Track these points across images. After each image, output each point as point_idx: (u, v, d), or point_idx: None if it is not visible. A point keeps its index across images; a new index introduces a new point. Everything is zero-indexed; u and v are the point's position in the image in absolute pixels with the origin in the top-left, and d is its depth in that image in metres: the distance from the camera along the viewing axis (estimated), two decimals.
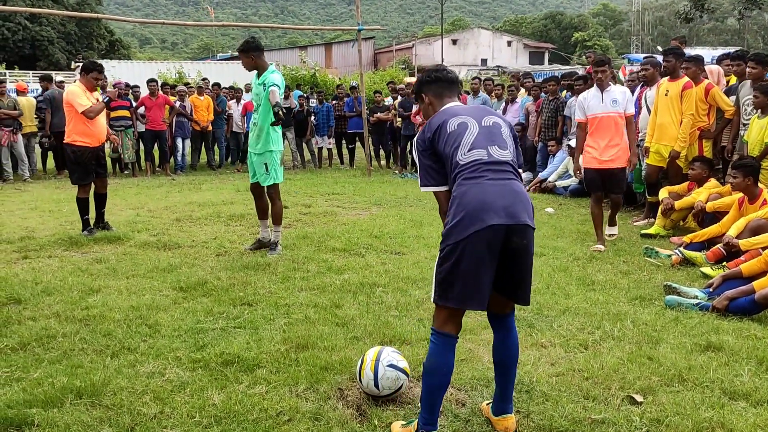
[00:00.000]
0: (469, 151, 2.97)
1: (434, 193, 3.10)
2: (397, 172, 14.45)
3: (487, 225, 2.78)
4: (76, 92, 7.33)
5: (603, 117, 6.77)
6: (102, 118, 7.66)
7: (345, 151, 16.06)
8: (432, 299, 2.94)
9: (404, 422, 3.10)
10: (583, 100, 6.98)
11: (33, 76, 25.38)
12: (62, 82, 16.57)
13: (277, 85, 6.35)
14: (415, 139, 3.18)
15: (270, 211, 6.83)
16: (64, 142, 7.51)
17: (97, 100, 7.48)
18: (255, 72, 6.65)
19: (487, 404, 3.25)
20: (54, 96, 13.21)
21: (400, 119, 14.46)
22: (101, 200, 7.82)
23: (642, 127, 8.25)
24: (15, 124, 13.02)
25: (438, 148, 3.03)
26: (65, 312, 4.72)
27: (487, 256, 2.81)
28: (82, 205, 7.56)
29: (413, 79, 23.96)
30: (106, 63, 33.17)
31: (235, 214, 8.73)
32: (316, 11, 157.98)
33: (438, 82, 3.26)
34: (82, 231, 7.47)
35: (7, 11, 37.91)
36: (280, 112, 6.19)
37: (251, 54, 6.56)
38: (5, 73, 21.43)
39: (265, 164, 6.58)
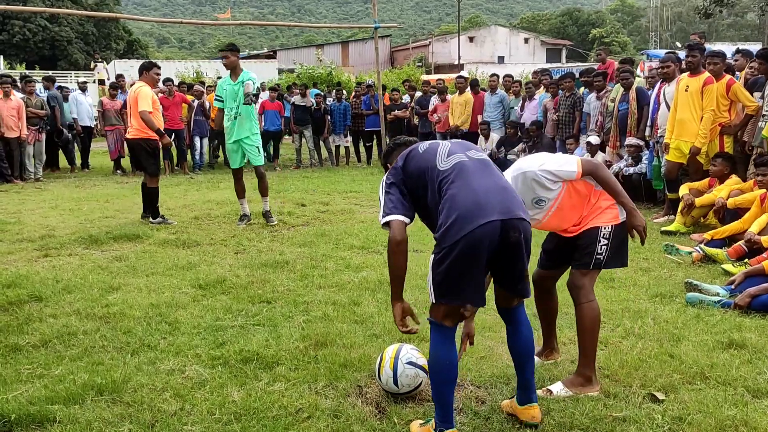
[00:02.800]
0: (447, 157, 3.02)
1: (393, 222, 2.94)
2: None
3: (482, 223, 2.77)
4: (147, 93, 8.06)
5: None
6: (160, 116, 8.64)
7: (362, 149, 16.06)
8: (431, 299, 2.93)
9: (422, 421, 3.10)
10: None
11: (54, 76, 25.58)
12: (85, 82, 16.68)
13: (252, 80, 7.78)
14: (383, 179, 3.16)
15: (258, 187, 8.24)
16: (138, 137, 8.08)
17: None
18: (229, 72, 7.89)
19: (510, 400, 3.24)
20: (55, 96, 14.17)
21: (417, 116, 14.43)
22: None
23: (661, 123, 8.17)
24: (41, 123, 13.17)
25: (411, 170, 3.05)
26: (86, 309, 4.76)
27: (484, 253, 2.81)
28: (155, 194, 8.19)
29: (430, 77, 23.91)
30: (124, 63, 33.47)
31: (253, 212, 8.74)
32: (332, 9, 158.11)
33: (397, 148, 3.40)
34: (153, 220, 8.03)
35: (28, 12, 38.36)
36: (251, 100, 7.78)
37: (236, 53, 7.93)
38: (25, 73, 21.62)
39: (257, 147, 7.96)
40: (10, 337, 4.23)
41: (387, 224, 2.98)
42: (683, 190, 7.55)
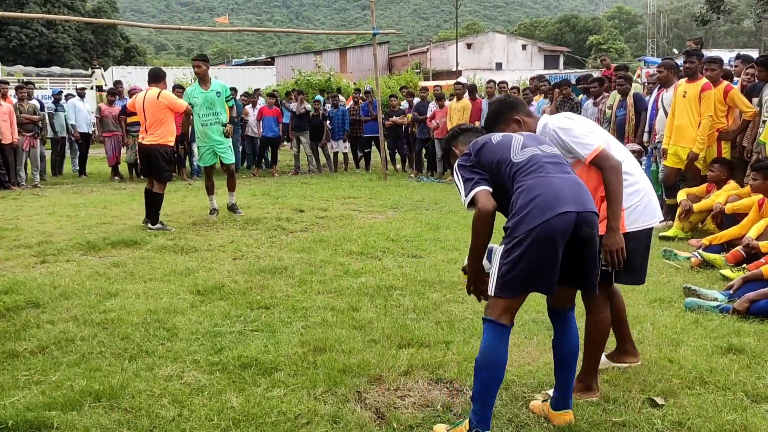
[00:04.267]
0: (522, 149, 3.00)
1: (480, 193, 2.93)
2: (413, 175, 14.44)
3: (558, 213, 2.77)
4: (173, 95, 8.46)
5: None
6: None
7: (360, 155, 16.06)
8: (491, 292, 2.89)
9: (448, 426, 3.07)
10: None
11: (51, 82, 25.58)
12: (83, 88, 16.68)
13: (235, 102, 9.47)
14: (455, 163, 3.13)
15: (227, 182, 9.06)
16: (155, 143, 8.15)
17: None
18: (197, 80, 8.78)
19: (541, 402, 3.24)
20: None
21: (415, 123, 14.44)
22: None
23: (659, 129, 8.20)
24: (35, 128, 13.17)
25: (484, 160, 3.03)
26: (83, 315, 4.75)
27: (560, 244, 2.79)
28: (161, 200, 8.29)
29: (428, 83, 23.94)
30: (122, 69, 33.45)
31: (252, 218, 8.75)
32: (330, 16, 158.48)
33: (463, 133, 3.42)
34: (152, 226, 8.07)
35: (25, 18, 38.35)
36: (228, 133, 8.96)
37: (208, 63, 8.86)
38: (22, 79, 21.62)
39: (228, 146, 8.89)
40: (7, 344, 4.21)
41: (472, 202, 2.95)
42: (681, 195, 7.56)
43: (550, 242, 2.77)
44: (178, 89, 13.90)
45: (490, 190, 2.97)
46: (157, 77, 8.35)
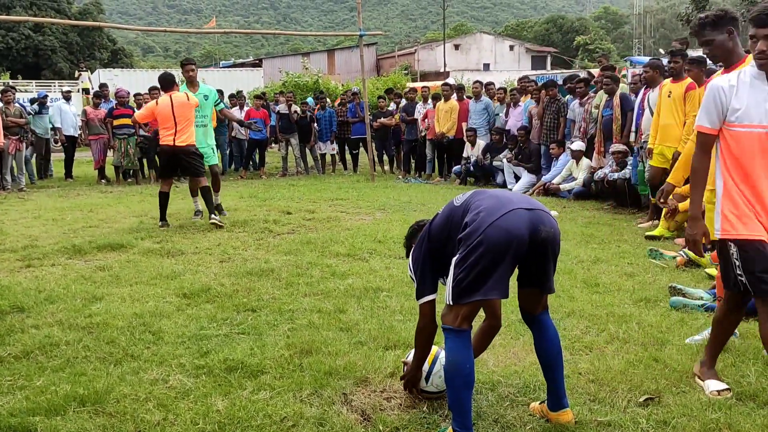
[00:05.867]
0: (462, 196, 3.17)
1: (425, 305, 3.28)
2: (400, 177, 14.44)
3: (506, 210, 2.82)
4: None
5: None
6: None
7: (348, 157, 16.05)
8: (449, 301, 2.91)
9: None
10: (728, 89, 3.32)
11: (36, 85, 25.44)
12: (69, 91, 16.58)
13: (218, 101, 9.47)
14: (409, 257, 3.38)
15: (212, 183, 8.94)
16: (190, 142, 8.44)
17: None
18: (185, 83, 8.99)
19: (540, 404, 3.25)
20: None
21: (403, 123, 14.46)
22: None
23: (645, 129, 8.23)
24: (21, 132, 13.08)
25: (434, 230, 3.20)
26: (68, 320, 4.71)
27: (512, 245, 2.80)
28: (209, 191, 8.60)
29: (416, 84, 23.95)
30: (108, 72, 33.33)
31: (239, 220, 8.72)
32: (318, 18, 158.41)
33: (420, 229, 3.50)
34: (216, 216, 8.41)
35: (11, 21, 38.10)
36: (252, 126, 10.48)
37: (197, 67, 9.09)
38: (8, 83, 21.50)
39: (212, 148, 9.20)
40: None
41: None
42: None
43: (502, 242, 2.78)
44: (154, 91, 13.86)
45: (434, 297, 3.23)
46: (173, 82, 8.59)
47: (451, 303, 2.90)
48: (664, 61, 8.92)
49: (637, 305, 4.97)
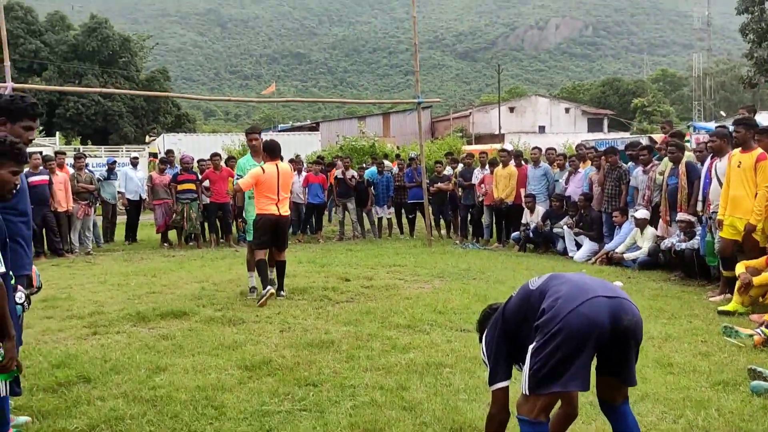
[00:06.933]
0: (537, 279, 3.13)
1: (498, 392, 3.19)
2: (458, 242, 14.36)
3: (586, 298, 2.74)
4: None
5: None
6: None
7: (405, 221, 16.09)
8: (525, 391, 2.82)
9: None
10: None
11: (105, 151, 26.49)
12: (136, 157, 17.13)
13: None
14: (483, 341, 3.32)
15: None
16: (289, 213, 8.62)
17: None
18: (249, 152, 8.93)
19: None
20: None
21: (461, 188, 14.47)
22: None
23: (713, 198, 8.02)
24: (90, 197, 13.57)
25: (508, 313, 3.16)
26: (133, 392, 4.74)
27: (593, 333, 2.71)
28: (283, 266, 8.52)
29: (471, 148, 24.04)
30: (172, 136, 34.52)
31: (298, 287, 8.73)
32: (373, 82, 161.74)
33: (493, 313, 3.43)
34: (282, 292, 8.30)
35: (84, 92, 40.20)
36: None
37: (261, 135, 9.02)
38: (79, 149, 22.47)
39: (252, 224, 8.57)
40: (58, 421, 4.21)
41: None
42: (740, 268, 7.30)
43: (584, 328, 2.69)
44: (232, 160, 14.26)
45: (508, 384, 3.16)
46: (279, 151, 8.41)
47: (527, 393, 2.80)
48: (728, 123, 8.74)
49: (715, 389, 4.72)
